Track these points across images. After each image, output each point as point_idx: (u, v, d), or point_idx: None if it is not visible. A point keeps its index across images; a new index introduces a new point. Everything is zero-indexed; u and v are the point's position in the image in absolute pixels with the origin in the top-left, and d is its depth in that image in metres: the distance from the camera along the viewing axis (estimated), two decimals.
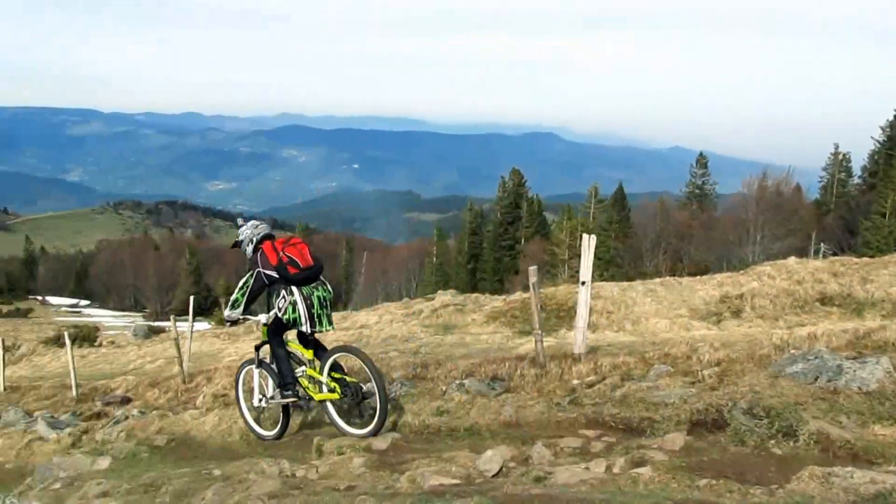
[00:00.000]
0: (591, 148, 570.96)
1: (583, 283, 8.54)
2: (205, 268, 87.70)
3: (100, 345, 32.43)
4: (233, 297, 7.71)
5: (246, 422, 8.55)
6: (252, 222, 7.93)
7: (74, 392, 13.74)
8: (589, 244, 8.45)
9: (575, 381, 7.78)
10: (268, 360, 8.00)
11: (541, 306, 8.58)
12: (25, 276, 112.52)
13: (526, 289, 22.06)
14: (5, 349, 17.69)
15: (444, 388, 8.37)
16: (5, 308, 76.27)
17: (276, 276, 7.34)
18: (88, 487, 6.95)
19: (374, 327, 19.30)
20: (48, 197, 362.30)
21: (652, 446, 5.45)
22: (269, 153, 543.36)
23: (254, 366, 8.18)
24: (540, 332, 8.60)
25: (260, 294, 7.62)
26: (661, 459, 5.01)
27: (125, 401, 12.26)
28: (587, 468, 5.09)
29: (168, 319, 19.38)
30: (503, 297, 22.21)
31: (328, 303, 7.58)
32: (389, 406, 7.49)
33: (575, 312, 9.23)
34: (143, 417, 10.41)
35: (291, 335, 7.86)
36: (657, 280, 22.28)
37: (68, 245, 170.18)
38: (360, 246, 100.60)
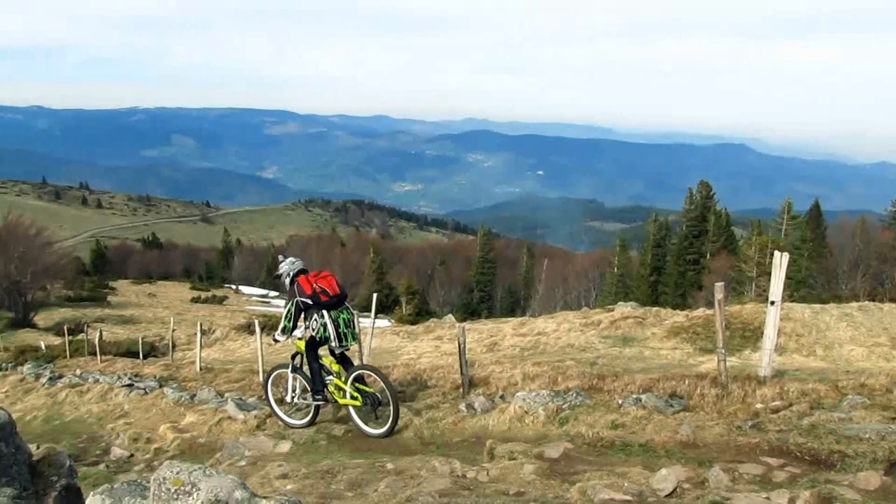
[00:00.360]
0: (786, 161, 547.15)
1: (772, 302, 8.15)
2: (387, 266, 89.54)
3: None
4: (282, 325, 9.39)
5: (274, 412, 10.31)
6: (290, 259, 9.65)
7: (261, 377, 14.38)
8: (780, 262, 8.06)
9: (758, 405, 7.43)
10: (301, 368, 9.73)
11: (725, 324, 8.24)
12: (222, 265, 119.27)
13: (709, 305, 21.27)
14: (202, 333, 18.76)
15: (620, 402, 8.21)
16: (203, 294, 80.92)
17: (311, 302, 9.00)
18: (270, 468, 7.26)
19: (552, 335, 19.17)
20: (245, 192, 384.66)
21: (842, 483, 5.10)
22: (455, 157, 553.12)
23: (288, 370, 9.92)
24: (723, 350, 8.28)
25: (299, 318, 9.26)
26: (852, 498, 4.69)
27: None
28: (768, 498, 4.84)
29: None
30: (685, 312, 21.55)
31: (352, 323, 9.25)
32: (400, 413, 9.07)
33: (761, 333, 8.83)
34: (324, 407, 10.78)
35: (323, 350, 9.53)
36: (854, 304, 20.93)
37: (261, 238, 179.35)
38: (541, 252, 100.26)
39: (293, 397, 9.85)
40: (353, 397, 9.21)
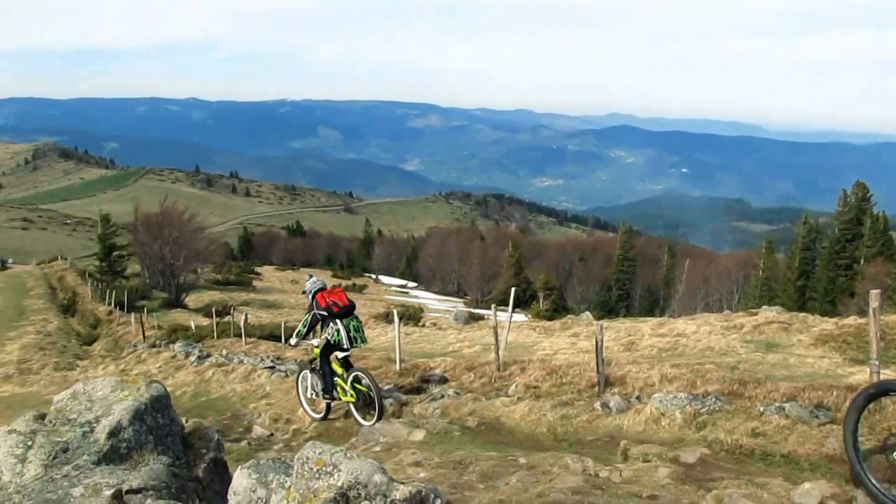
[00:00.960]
0: None
1: None
2: (526, 261, 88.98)
3: (423, 325, 34.18)
4: (297, 329, 11.45)
5: (302, 406, 12.17)
6: (313, 279, 11.66)
7: (398, 366, 14.59)
8: None
9: None
10: (318, 369, 11.47)
11: (880, 334, 7.81)
12: (363, 254, 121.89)
13: (861, 313, 20.29)
14: None
15: (761, 409, 7.93)
16: (344, 283, 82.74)
17: (326, 313, 10.88)
18: (404, 455, 7.39)
19: (692, 337, 18.67)
20: (388, 184, 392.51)
21: None
22: (597, 152, 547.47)
23: (308, 370, 11.81)
24: (877, 362, 7.85)
25: (314, 326, 11.16)
26: None
27: (442, 380, 12.80)
28: None
29: (487, 307, 20.05)
30: (835, 319, 20.57)
31: (360, 328, 11.18)
32: (385, 408, 10.88)
33: None
34: (458, 398, 10.85)
35: (333, 356, 11.28)
36: None
37: (402, 230, 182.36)
38: (683, 252, 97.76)
39: (312, 394, 11.69)
40: (350, 395, 11.03)
